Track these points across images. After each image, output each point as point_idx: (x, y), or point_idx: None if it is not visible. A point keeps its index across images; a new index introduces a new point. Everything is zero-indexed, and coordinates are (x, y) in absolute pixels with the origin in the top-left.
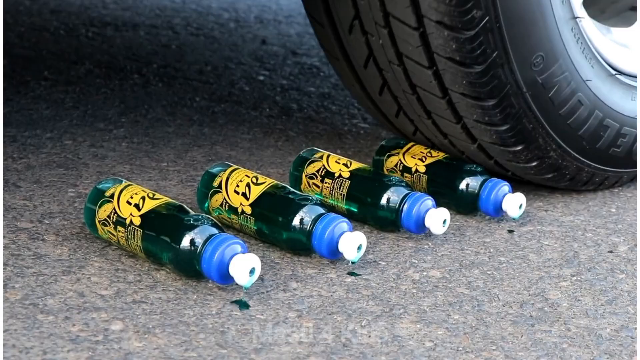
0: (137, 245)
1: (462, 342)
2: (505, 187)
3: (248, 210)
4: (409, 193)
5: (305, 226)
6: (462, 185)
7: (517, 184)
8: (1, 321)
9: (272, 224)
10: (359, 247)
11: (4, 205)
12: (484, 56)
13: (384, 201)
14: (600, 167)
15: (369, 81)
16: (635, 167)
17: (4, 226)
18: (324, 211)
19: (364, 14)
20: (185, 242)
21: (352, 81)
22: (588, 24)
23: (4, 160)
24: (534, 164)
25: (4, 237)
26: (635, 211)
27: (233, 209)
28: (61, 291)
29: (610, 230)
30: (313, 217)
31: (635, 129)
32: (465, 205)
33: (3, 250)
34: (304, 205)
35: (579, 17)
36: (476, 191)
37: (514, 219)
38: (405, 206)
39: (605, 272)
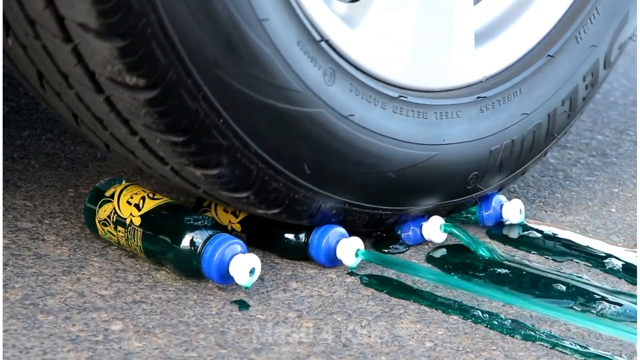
0: (137, 245)
1: (462, 342)
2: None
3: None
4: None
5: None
6: (185, 242)
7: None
8: (1, 321)
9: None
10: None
11: (4, 205)
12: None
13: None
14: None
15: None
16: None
17: (4, 226)
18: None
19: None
20: (185, 242)
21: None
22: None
23: (4, 160)
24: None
25: (4, 237)
26: (635, 211)
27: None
28: (61, 291)
29: (610, 231)
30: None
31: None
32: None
33: (3, 250)
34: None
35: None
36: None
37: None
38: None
39: (606, 272)
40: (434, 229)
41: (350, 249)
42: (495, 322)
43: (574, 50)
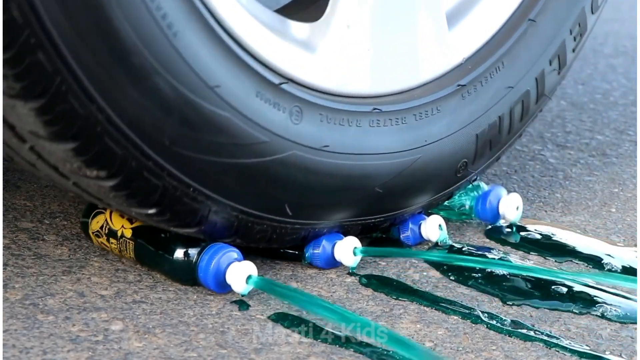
0: (131, 257)
1: (462, 342)
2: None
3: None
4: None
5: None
6: (179, 254)
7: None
8: (1, 321)
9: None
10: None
11: (4, 205)
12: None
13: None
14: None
15: None
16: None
17: (4, 226)
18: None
19: None
20: (179, 254)
21: None
22: None
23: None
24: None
25: (4, 237)
26: (635, 211)
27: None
28: (61, 291)
29: (610, 231)
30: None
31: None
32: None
33: (3, 250)
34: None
35: None
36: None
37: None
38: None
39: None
40: (432, 228)
41: (347, 249)
42: (495, 322)
43: (557, 6)
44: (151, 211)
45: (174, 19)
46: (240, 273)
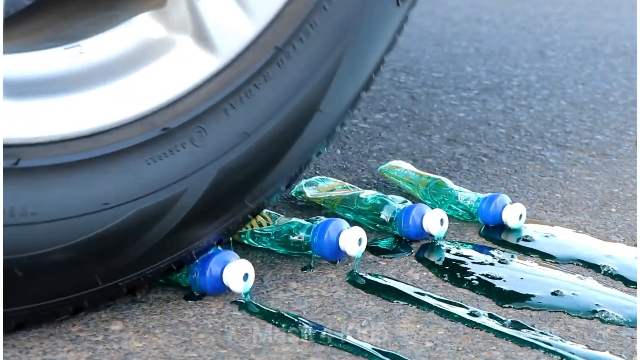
0: None
1: (462, 342)
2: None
3: None
4: None
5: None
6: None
7: (516, 196)
8: (1, 321)
9: None
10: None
11: None
12: None
13: None
14: None
15: None
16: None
17: None
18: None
19: None
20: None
21: None
22: None
23: None
24: None
25: None
26: (635, 211)
27: None
28: None
29: (610, 231)
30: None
31: None
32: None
33: None
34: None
35: None
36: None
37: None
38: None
39: (604, 274)
40: (434, 221)
41: (353, 238)
42: (495, 322)
43: None
44: None
45: (33, 205)
46: (237, 273)
